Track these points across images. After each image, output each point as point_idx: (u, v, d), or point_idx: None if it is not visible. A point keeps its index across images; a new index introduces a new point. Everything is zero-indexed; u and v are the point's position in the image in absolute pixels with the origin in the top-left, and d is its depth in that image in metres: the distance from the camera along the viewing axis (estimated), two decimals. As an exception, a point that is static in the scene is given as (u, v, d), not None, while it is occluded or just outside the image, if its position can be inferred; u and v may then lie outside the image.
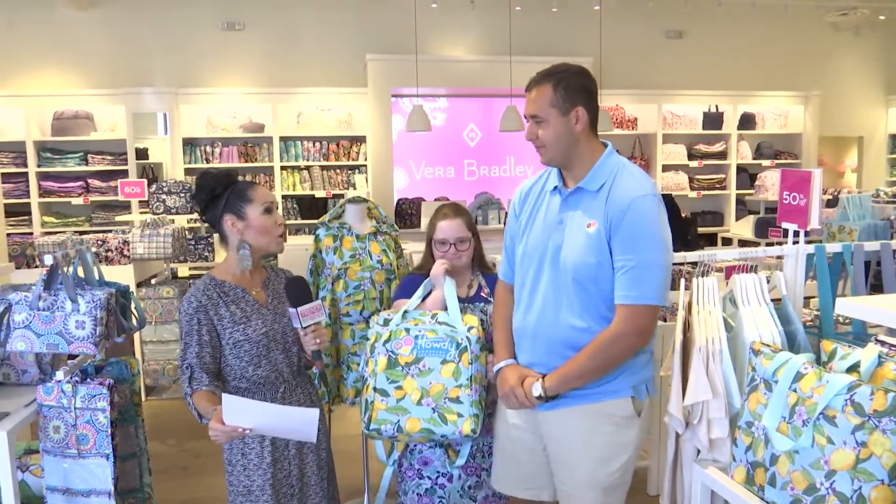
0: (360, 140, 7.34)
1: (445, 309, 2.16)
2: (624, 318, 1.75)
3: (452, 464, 2.21)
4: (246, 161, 7.11)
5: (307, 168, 7.28)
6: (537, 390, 1.82)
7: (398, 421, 2.01)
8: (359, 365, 2.41)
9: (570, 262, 1.80)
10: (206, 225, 5.56)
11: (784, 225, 1.97)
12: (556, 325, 1.84)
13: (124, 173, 6.78)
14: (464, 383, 2.00)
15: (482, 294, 2.33)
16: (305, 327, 1.94)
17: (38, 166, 6.81)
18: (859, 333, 1.83)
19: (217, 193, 1.97)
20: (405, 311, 2.13)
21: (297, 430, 1.78)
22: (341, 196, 7.08)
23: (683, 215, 7.01)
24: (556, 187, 1.90)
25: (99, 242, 4.57)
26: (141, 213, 5.73)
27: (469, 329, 2.05)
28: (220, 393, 1.88)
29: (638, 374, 1.86)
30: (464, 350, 2.01)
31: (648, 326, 1.78)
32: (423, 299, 2.23)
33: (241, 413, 1.67)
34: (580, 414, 1.85)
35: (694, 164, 8.07)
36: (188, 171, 6.97)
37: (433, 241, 2.33)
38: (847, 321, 2.21)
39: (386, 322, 2.11)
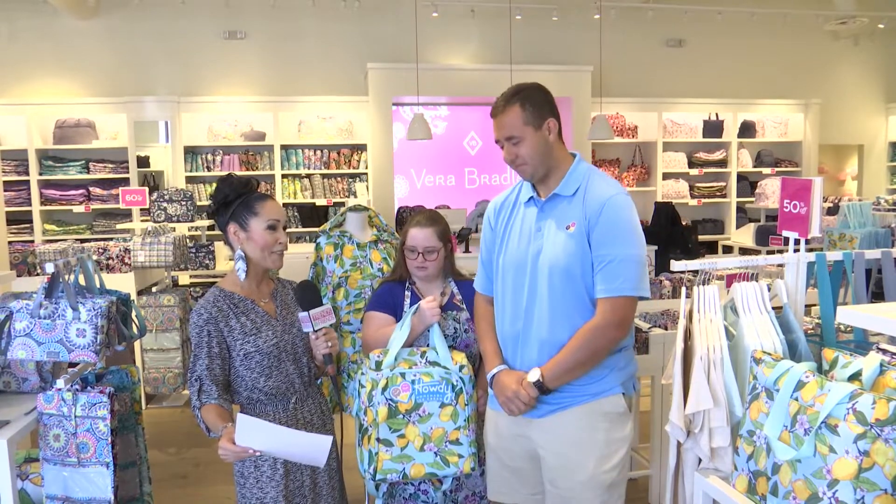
0: (361, 148, 7.36)
1: (425, 331, 2.19)
2: (605, 311, 1.83)
3: (438, 489, 2.23)
4: (247, 169, 7.12)
5: (308, 176, 7.29)
6: (535, 376, 1.86)
7: (403, 468, 2.04)
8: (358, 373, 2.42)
9: (553, 264, 1.87)
10: (208, 233, 5.61)
11: (784, 233, 1.96)
12: (546, 328, 1.89)
13: (126, 181, 6.81)
14: (462, 425, 2.05)
15: (454, 301, 2.34)
16: (317, 331, 1.94)
17: (40, 174, 6.83)
18: (861, 342, 1.82)
19: (229, 200, 1.98)
20: (395, 354, 2.11)
21: (306, 455, 1.78)
22: (342, 204, 7.09)
23: (684, 223, 7.02)
24: (531, 198, 1.98)
25: (100, 250, 4.57)
26: (142, 221, 5.74)
27: (461, 368, 2.08)
28: (228, 407, 1.88)
29: (624, 371, 1.94)
30: (459, 392, 2.06)
31: (628, 317, 1.86)
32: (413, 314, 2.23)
33: (254, 434, 1.65)
34: (576, 415, 1.89)
35: (694, 171, 8.09)
36: (189, 180, 6.99)
37: (405, 247, 2.35)
38: (848, 329, 2.21)
39: (378, 365, 2.09)
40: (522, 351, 1.94)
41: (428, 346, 2.16)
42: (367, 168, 7.32)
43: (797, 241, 1.93)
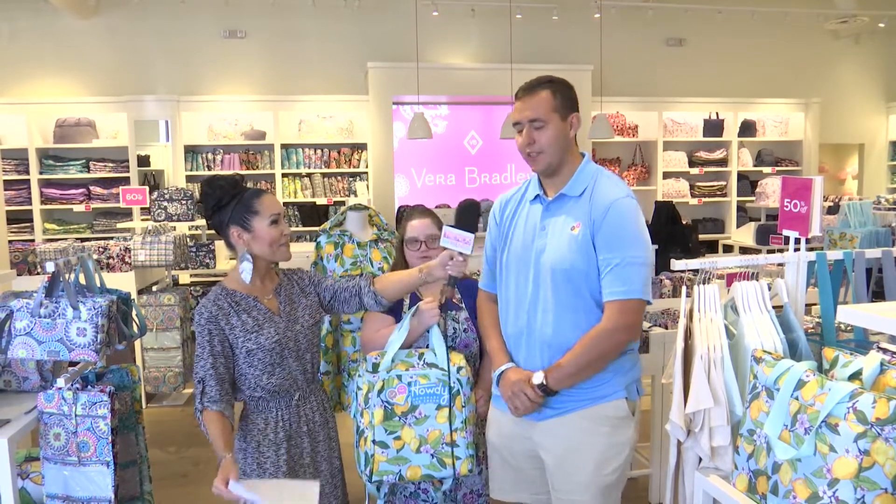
0: (362, 147, 7.36)
1: (426, 332, 2.18)
2: (614, 314, 1.81)
3: (438, 489, 2.23)
4: (247, 168, 7.13)
5: (308, 175, 7.29)
6: (538, 379, 1.85)
7: (399, 470, 2.04)
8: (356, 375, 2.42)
9: (556, 264, 1.86)
10: (208, 232, 5.60)
11: (785, 232, 1.96)
12: (549, 327, 1.88)
13: (126, 180, 6.81)
14: (459, 427, 2.04)
15: (453, 301, 2.31)
16: (469, 254, 1.93)
17: (40, 173, 6.83)
18: (861, 341, 1.82)
19: (223, 203, 1.96)
20: (393, 356, 2.10)
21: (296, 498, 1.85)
22: (342, 203, 7.08)
23: (684, 222, 7.01)
24: (537, 196, 1.97)
25: (100, 249, 4.57)
26: (142, 220, 5.74)
27: (458, 370, 2.06)
28: (230, 412, 1.89)
29: (628, 375, 1.93)
30: (456, 394, 2.04)
31: (636, 320, 1.85)
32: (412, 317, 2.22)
33: (247, 491, 1.74)
34: (578, 419, 1.88)
35: (695, 171, 8.08)
36: (190, 179, 6.99)
37: (405, 242, 2.35)
38: (849, 329, 2.21)
39: (375, 368, 2.08)
40: (526, 350, 1.93)
41: (428, 346, 2.16)
42: (367, 167, 7.32)
43: (797, 241, 1.93)
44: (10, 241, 6.04)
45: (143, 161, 7.01)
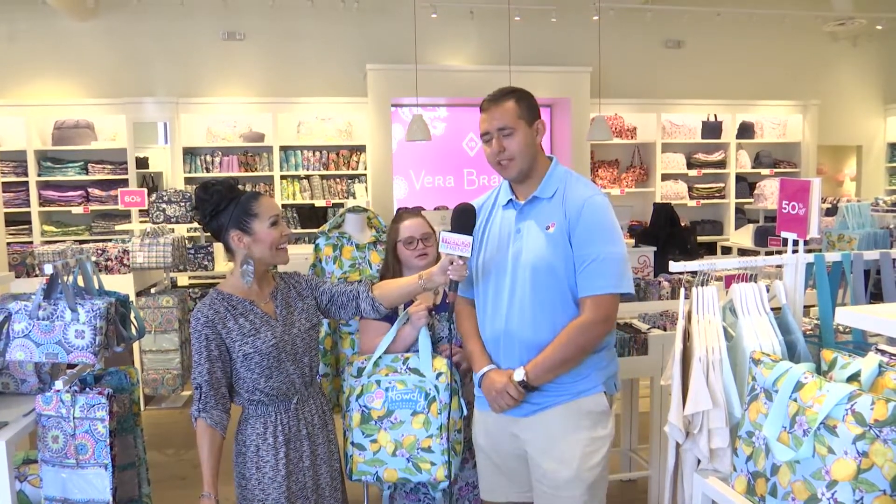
0: (360, 149, 7.35)
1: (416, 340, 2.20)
2: (591, 308, 1.88)
3: (435, 488, 2.24)
4: (246, 170, 7.12)
5: (307, 177, 7.29)
6: (519, 375, 1.90)
7: (376, 472, 2.10)
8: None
9: (536, 263, 1.91)
10: (206, 234, 5.60)
11: (783, 234, 1.97)
12: (529, 328, 1.92)
13: (124, 182, 6.80)
14: (434, 433, 2.08)
15: (448, 302, 2.32)
16: (468, 257, 1.90)
17: (39, 175, 6.82)
18: (859, 343, 1.83)
19: (221, 208, 1.95)
20: (377, 360, 2.16)
21: None
22: (341, 205, 7.08)
23: (683, 224, 7.02)
24: (510, 201, 2.03)
25: (99, 252, 4.57)
26: (141, 222, 5.74)
27: (438, 376, 2.09)
28: (223, 427, 1.91)
29: (605, 370, 1.98)
30: (432, 400, 2.08)
31: (613, 313, 1.93)
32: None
33: None
34: (560, 413, 1.93)
35: (693, 172, 8.08)
36: (188, 181, 6.98)
37: (399, 243, 2.37)
38: (847, 330, 2.21)
39: (359, 372, 2.16)
40: (505, 352, 1.96)
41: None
42: (366, 169, 7.31)
43: (796, 242, 1.94)
44: (8, 244, 6.03)
45: (142, 163, 7.01)
